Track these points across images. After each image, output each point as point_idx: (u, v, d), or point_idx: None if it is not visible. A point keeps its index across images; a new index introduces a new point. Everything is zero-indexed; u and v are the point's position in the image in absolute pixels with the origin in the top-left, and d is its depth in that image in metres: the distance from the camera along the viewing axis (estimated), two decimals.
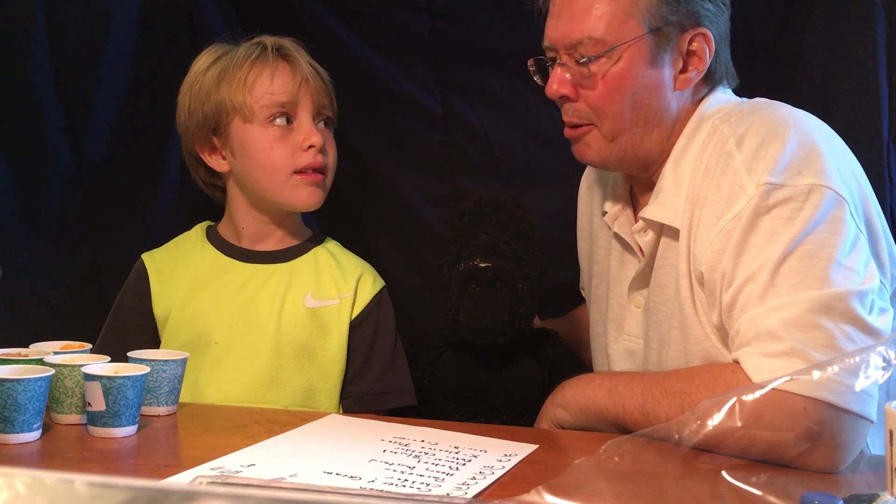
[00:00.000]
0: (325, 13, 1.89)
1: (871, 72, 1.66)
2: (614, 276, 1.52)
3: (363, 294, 1.60)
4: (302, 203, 1.58)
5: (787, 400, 1.11)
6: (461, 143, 1.92)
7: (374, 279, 1.63)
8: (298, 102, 1.56)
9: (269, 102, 1.54)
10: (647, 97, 1.36)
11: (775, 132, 1.27)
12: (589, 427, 1.35)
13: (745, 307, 1.21)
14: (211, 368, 1.54)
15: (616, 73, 1.34)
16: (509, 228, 1.48)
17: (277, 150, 1.55)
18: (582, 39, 1.34)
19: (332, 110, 1.62)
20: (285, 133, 1.55)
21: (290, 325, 1.56)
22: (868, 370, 1.04)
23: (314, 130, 1.56)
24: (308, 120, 1.56)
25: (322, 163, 1.57)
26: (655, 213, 1.38)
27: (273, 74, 1.55)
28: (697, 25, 1.35)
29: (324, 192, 1.59)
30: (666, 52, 1.35)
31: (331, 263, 1.62)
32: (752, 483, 1.03)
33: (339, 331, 1.57)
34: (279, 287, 1.58)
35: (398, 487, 1.04)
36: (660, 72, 1.35)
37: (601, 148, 1.39)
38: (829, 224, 1.21)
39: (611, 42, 1.33)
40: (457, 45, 1.89)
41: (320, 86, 1.59)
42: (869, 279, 1.21)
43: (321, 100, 1.58)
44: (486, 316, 1.45)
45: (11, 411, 1.17)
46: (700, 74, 1.37)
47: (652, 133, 1.38)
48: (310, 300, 1.58)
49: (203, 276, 1.60)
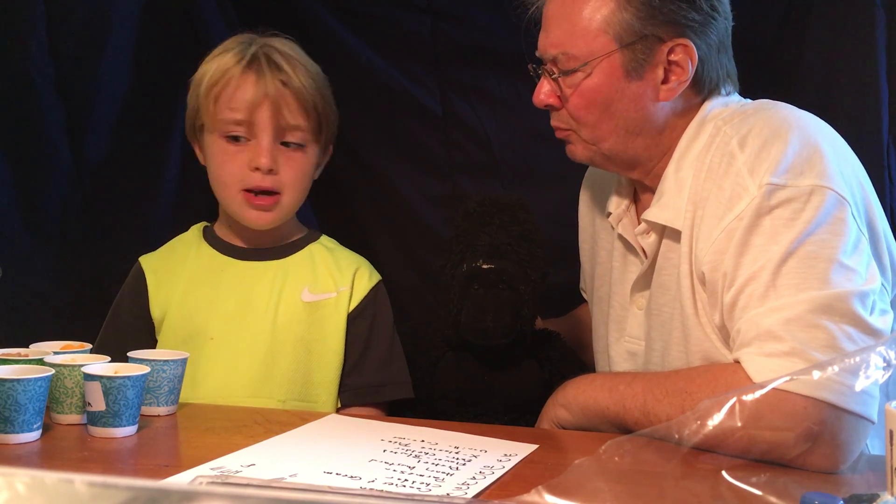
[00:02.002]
0: (325, 13, 1.89)
1: (871, 72, 1.66)
2: (617, 277, 1.52)
3: (360, 287, 1.61)
4: (250, 223, 1.56)
5: (787, 400, 1.12)
6: (461, 143, 1.92)
7: (370, 273, 1.63)
8: (255, 122, 1.51)
9: (226, 118, 1.52)
10: (624, 109, 1.38)
11: (778, 133, 1.27)
12: (590, 427, 1.35)
13: (746, 307, 1.21)
14: (207, 363, 1.54)
15: (589, 86, 1.37)
16: (512, 230, 1.48)
17: (227, 166, 1.54)
18: (557, 55, 1.38)
19: (305, 131, 1.55)
20: (240, 150, 1.53)
21: (286, 320, 1.56)
22: (868, 370, 1.04)
23: (264, 151, 1.51)
24: (266, 139, 1.51)
25: (270, 185, 1.53)
26: (658, 215, 1.38)
27: (237, 87, 1.52)
28: (678, 37, 1.35)
29: (278, 212, 1.55)
30: (643, 65, 1.35)
31: (327, 258, 1.63)
32: (752, 483, 1.02)
33: (336, 324, 1.58)
34: (275, 282, 1.59)
35: (398, 487, 1.04)
36: (637, 84, 1.36)
37: (585, 149, 1.44)
38: (830, 225, 1.21)
39: (583, 57, 1.36)
40: (457, 45, 1.89)
41: (291, 104, 1.53)
42: (870, 280, 1.21)
43: (285, 120, 1.52)
44: (488, 317, 1.45)
45: (11, 411, 1.17)
46: (683, 85, 1.37)
47: (635, 140, 1.40)
48: (306, 294, 1.58)
49: (199, 274, 1.60)
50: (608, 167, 1.47)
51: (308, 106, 1.55)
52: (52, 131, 1.78)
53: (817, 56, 1.72)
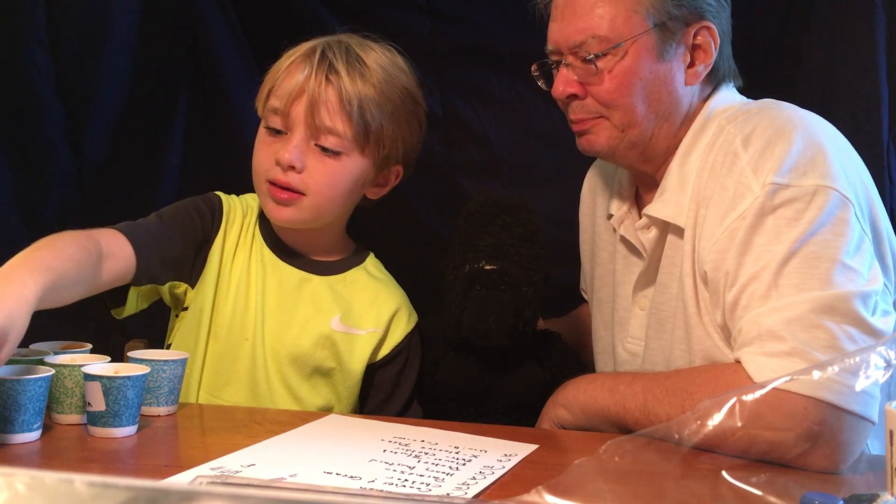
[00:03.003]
0: (325, 13, 1.88)
1: (871, 72, 1.66)
2: (619, 278, 1.52)
3: (396, 332, 1.56)
4: (269, 214, 1.52)
5: (787, 400, 1.12)
6: (461, 143, 1.92)
7: (408, 316, 1.58)
8: (290, 115, 1.47)
9: (269, 106, 1.50)
10: (656, 91, 1.37)
11: (782, 133, 1.27)
12: (590, 427, 1.35)
13: (748, 307, 1.21)
14: (244, 363, 1.51)
15: (623, 68, 1.35)
16: (515, 231, 1.47)
17: (259, 154, 1.51)
18: (586, 38, 1.35)
19: (343, 137, 1.47)
20: (274, 141, 1.49)
21: (310, 345, 1.52)
22: (868, 370, 1.04)
23: (290, 147, 1.46)
24: (297, 136, 1.46)
25: (287, 182, 1.47)
26: (659, 210, 1.38)
27: (287, 76, 1.49)
28: (701, 19, 1.37)
29: (297, 212, 1.49)
30: (671, 47, 1.36)
31: (368, 290, 1.57)
32: (752, 483, 1.02)
33: (359, 362, 1.54)
34: (312, 300, 1.54)
35: (398, 487, 1.04)
36: (667, 66, 1.37)
37: (611, 137, 1.39)
38: (833, 225, 1.21)
39: (615, 38, 1.34)
40: (457, 45, 1.89)
41: (333, 105, 1.46)
42: (872, 281, 1.21)
43: (321, 120, 1.45)
44: (489, 318, 1.44)
45: (11, 411, 1.17)
46: (707, 68, 1.39)
47: (662, 127, 1.39)
48: (336, 323, 1.53)
49: (254, 268, 1.55)
50: (624, 159, 1.44)
51: (352, 112, 1.46)
52: (52, 131, 1.78)
53: (817, 56, 1.72)
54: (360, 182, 1.53)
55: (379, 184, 1.58)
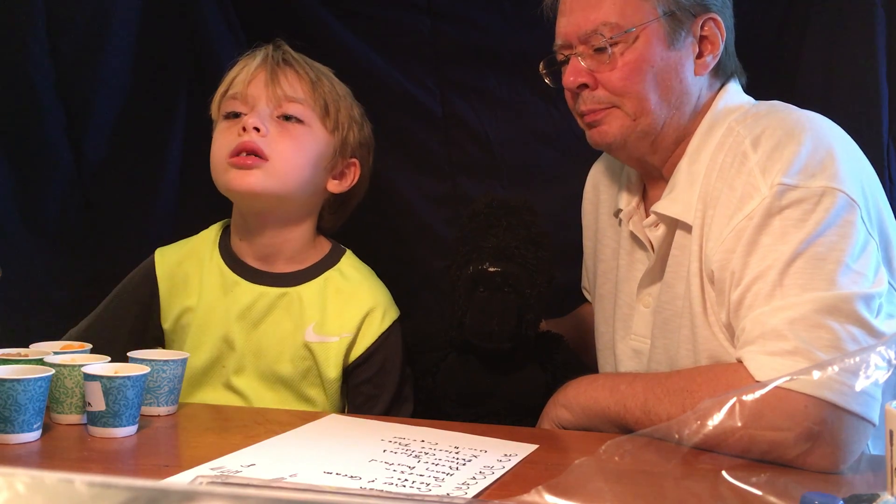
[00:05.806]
0: (325, 13, 1.88)
1: (871, 72, 1.66)
2: (623, 275, 1.52)
3: (367, 334, 1.53)
4: (233, 187, 1.47)
5: (787, 399, 1.12)
6: (461, 143, 1.92)
7: (382, 315, 1.55)
8: (249, 94, 1.48)
9: (226, 97, 1.52)
10: (668, 79, 1.38)
11: (791, 134, 1.28)
12: (591, 427, 1.35)
13: (752, 306, 1.22)
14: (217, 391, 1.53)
15: (635, 54, 1.36)
16: (519, 233, 1.47)
17: (219, 141, 1.51)
18: (597, 27, 1.37)
19: (306, 106, 1.50)
20: (234, 123, 1.50)
21: (289, 363, 1.52)
22: (868, 370, 1.04)
23: (253, 114, 1.46)
24: (262, 107, 1.48)
25: (251, 145, 1.45)
26: (668, 207, 1.38)
27: (240, 71, 1.52)
28: (708, 12, 1.39)
29: (264, 177, 1.46)
30: (681, 36, 1.37)
31: (341, 292, 1.55)
32: (752, 483, 1.02)
33: (334, 369, 1.52)
34: (284, 315, 1.53)
35: (398, 487, 1.04)
36: (677, 54, 1.38)
37: (623, 125, 1.39)
38: (839, 227, 1.21)
39: (626, 25, 1.36)
40: (457, 45, 1.89)
41: (290, 76, 1.50)
42: (877, 284, 1.21)
43: (282, 90, 1.48)
44: (492, 320, 1.44)
45: (11, 411, 1.17)
46: (716, 59, 1.40)
47: (672, 117, 1.39)
48: (310, 334, 1.52)
49: (213, 292, 1.55)
50: (635, 150, 1.43)
51: (312, 80, 1.51)
52: (52, 131, 1.78)
53: (817, 56, 1.72)
54: (323, 157, 1.53)
55: (340, 173, 1.58)
